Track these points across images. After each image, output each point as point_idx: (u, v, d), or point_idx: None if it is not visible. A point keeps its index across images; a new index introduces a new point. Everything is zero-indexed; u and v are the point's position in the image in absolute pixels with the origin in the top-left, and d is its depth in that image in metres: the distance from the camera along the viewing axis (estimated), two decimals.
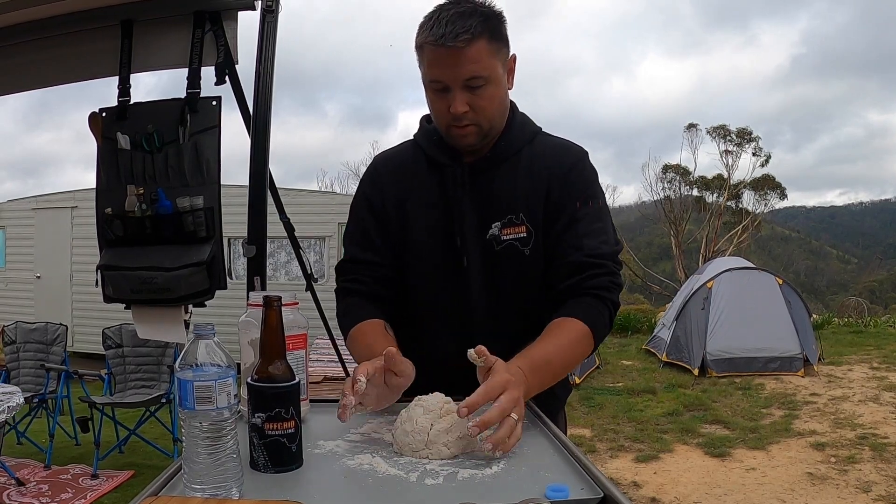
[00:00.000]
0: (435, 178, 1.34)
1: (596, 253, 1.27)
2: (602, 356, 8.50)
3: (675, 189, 22.61)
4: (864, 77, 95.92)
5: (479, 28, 1.17)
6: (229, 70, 2.41)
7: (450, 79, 1.20)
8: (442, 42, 1.16)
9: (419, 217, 1.34)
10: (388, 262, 1.36)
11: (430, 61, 1.21)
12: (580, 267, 1.26)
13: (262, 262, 2.32)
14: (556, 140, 1.38)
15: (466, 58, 1.18)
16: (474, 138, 1.27)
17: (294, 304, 1.12)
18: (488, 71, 1.20)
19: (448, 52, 1.17)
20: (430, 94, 1.26)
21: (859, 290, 30.10)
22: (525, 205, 1.30)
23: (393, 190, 1.37)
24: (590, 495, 0.80)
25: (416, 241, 1.34)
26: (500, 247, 1.30)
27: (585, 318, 1.22)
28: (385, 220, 1.36)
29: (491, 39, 1.20)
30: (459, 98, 1.21)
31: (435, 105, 1.26)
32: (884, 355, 8.48)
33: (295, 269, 8.84)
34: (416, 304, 1.37)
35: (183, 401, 0.80)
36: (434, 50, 1.19)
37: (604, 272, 1.27)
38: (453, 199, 1.32)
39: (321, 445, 0.99)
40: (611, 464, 4.72)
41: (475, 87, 1.21)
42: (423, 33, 1.21)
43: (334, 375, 6.49)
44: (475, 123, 1.25)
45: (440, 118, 1.28)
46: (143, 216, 2.38)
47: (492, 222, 1.31)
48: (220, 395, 0.80)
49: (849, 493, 4.02)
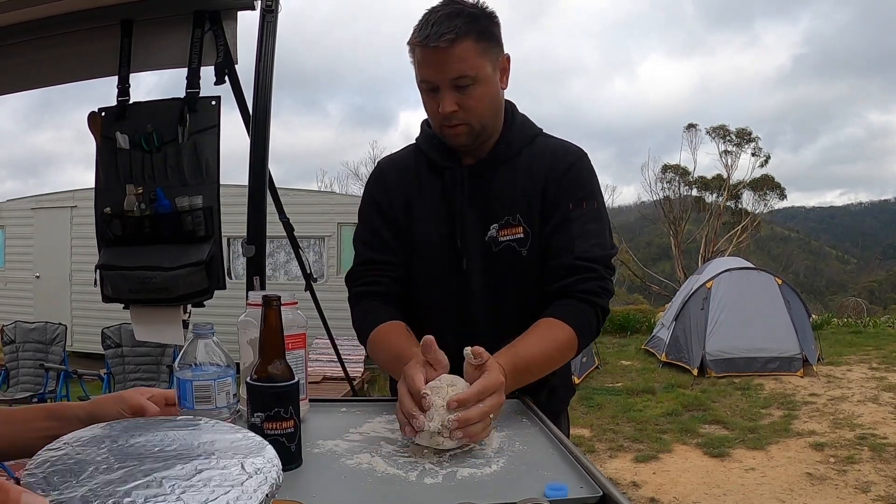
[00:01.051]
0: (436, 180, 1.35)
1: (587, 256, 1.26)
2: (601, 356, 8.50)
3: (674, 189, 22.64)
4: (865, 77, 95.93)
5: (464, 28, 1.19)
6: (229, 70, 2.41)
7: (437, 78, 1.22)
8: (426, 42, 1.19)
9: (423, 219, 1.35)
10: (401, 262, 1.37)
11: (419, 62, 1.24)
12: (570, 270, 1.26)
13: (262, 262, 2.32)
14: (555, 141, 1.38)
15: (452, 57, 1.19)
16: (466, 138, 1.29)
17: (293, 304, 1.12)
18: (475, 70, 1.21)
19: (434, 53, 1.20)
20: (423, 94, 1.28)
21: (858, 291, 30.13)
22: (522, 206, 1.31)
23: (399, 192, 1.38)
24: (589, 494, 0.80)
25: (421, 242, 1.36)
26: (499, 248, 1.31)
27: (572, 322, 1.22)
28: (394, 221, 1.37)
29: (479, 39, 1.21)
30: (448, 98, 1.23)
31: (428, 106, 1.29)
32: (883, 356, 8.49)
33: (294, 268, 8.84)
34: (421, 304, 1.38)
35: (182, 400, 0.80)
36: (422, 50, 1.22)
37: (594, 276, 1.26)
38: (454, 202, 1.33)
39: (321, 445, 0.99)
40: (610, 464, 4.72)
41: (463, 86, 1.22)
42: (413, 35, 1.23)
43: (334, 375, 6.50)
44: (465, 123, 1.26)
45: (433, 118, 1.30)
46: (141, 216, 2.38)
47: (490, 224, 1.32)
48: (219, 394, 0.80)
49: (848, 493, 4.03)
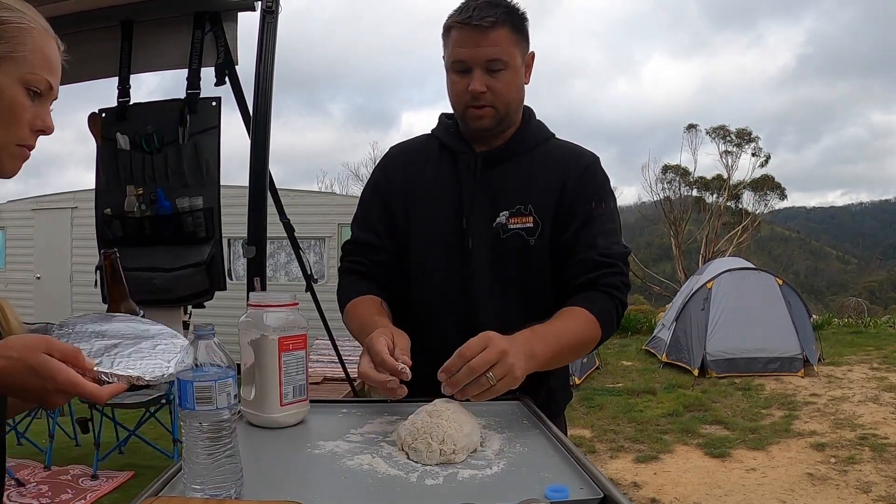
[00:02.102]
0: (448, 164, 1.39)
1: (609, 252, 1.31)
2: (602, 357, 8.50)
3: (674, 190, 22.64)
4: (868, 77, 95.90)
5: (503, 16, 1.26)
6: (229, 71, 2.42)
7: (473, 58, 1.27)
8: (468, 20, 1.25)
9: (428, 199, 1.38)
10: (387, 246, 1.40)
11: (455, 41, 1.29)
12: (595, 265, 1.30)
13: (262, 263, 2.32)
14: (570, 144, 1.44)
15: (489, 39, 1.25)
16: (490, 121, 1.32)
17: (294, 305, 1.12)
18: (508, 56, 1.27)
19: (473, 31, 1.25)
20: (452, 75, 1.32)
21: (859, 291, 30.14)
22: (536, 198, 1.34)
23: (402, 174, 1.42)
24: (590, 496, 0.80)
25: (423, 221, 1.38)
26: (506, 235, 1.33)
27: (595, 311, 1.26)
28: (391, 206, 1.41)
29: (513, 30, 1.28)
30: (479, 78, 1.28)
31: (455, 87, 1.32)
32: (884, 356, 8.48)
33: (295, 269, 8.84)
34: (420, 289, 1.38)
35: (183, 401, 0.80)
36: (460, 29, 1.27)
37: (616, 272, 1.30)
38: (464, 185, 1.35)
39: (321, 446, 0.99)
40: (611, 464, 4.72)
41: (495, 69, 1.28)
42: (452, 17, 1.29)
43: (334, 376, 6.50)
44: (492, 105, 1.30)
45: (459, 99, 1.33)
46: (142, 217, 2.38)
47: (500, 211, 1.34)
48: (220, 395, 0.80)
49: (849, 493, 4.02)
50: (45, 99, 0.91)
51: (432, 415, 0.97)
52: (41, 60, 0.89)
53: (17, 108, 0.87)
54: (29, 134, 0.90)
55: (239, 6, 2.42)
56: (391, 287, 1.40)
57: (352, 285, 1.39)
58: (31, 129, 0.90)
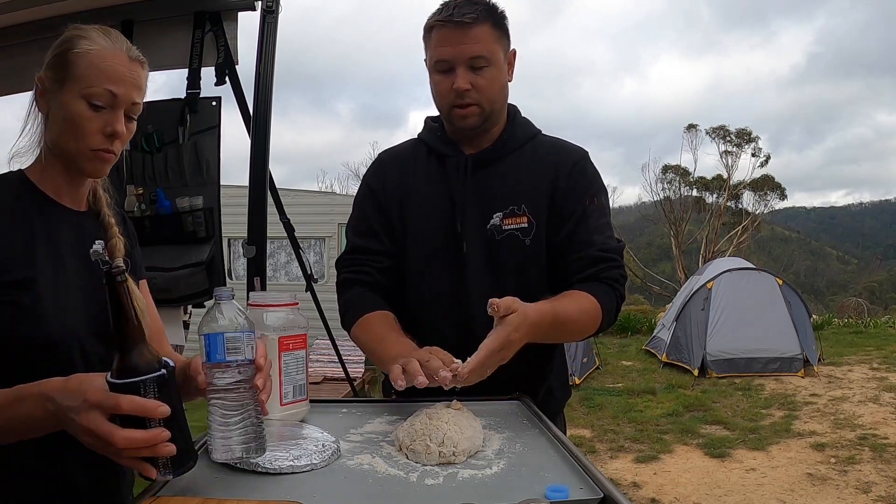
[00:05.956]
0: (438, 168, 1.37)
1: (607, 247, 1.32)
2: (602, 357, 8.50)
3: (674, 190, 22.64)
4: (876, 77, 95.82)
5: (484, 13, 1.27)
6: (229, 70, 2.42)
7: (455, 56, 1.26)
8: (450, 18, 1.25)
9: (421, 204, 1.37)
10: (388, 251, 1.38)
11: (437, 41, 1.28)
12: (594, 261, 1.30)
13: (262, 263, 2.32)
14: (557, 139, 1.42)
15: (471, 36, 1.25)
16: (476, 119, 1.31)
17: (294, 304, 1.12)
18: (491, 53, 1.28)
19: (455, 29, 1.25)
20: (435, 75, 1.31)
21: (859, 291, 30.14)
22: (528, 197, 1.33)
23: (396, 179, 1.40)
24: (590, 496, 0.80)
25: (417, 227, 1.37)
26: (501, 236, 1.33)
27: (598, 298, 1.27)
28: (387, 210, 1.39)
29: (494, 26, 1.28)
30: (463, 75, 1.27)
31: (439, 86, 1.31)
32: (884, 356, 8.48)
33: (295, 269, 8.84)
34: (416, 294, 1.37)
35: (213, 354, 0.82)
36: (442, 28, 1.27)
37: (615, 265, 1.32)
38: (455, 188, 1.34)
39: None
40: (611, 464, 4.72)
41: (478, 67, 1.27)
42: (432, 17, 1.29)
43: (334, 376, 6.50)
44: (477, 103, 1.29)
45: (444, 99, 1.31)
46: (142, 216, 2.38)
47: (493, 213, 1.33)
48: (248, 347, 0.84)
49: (849, 493, 4.02)
50: (115, 107, 1.00)
51: (432, 417, 0.97)
52: (97, 75, 0.98)
53: (81, 120, 0.98)
54: (102, 139, 1.00)
55: (239, 6, 2.42)
56: (393, 292, 1.39)
57: (359, 300, 1.35)
58: (104, 134, 0.99)
